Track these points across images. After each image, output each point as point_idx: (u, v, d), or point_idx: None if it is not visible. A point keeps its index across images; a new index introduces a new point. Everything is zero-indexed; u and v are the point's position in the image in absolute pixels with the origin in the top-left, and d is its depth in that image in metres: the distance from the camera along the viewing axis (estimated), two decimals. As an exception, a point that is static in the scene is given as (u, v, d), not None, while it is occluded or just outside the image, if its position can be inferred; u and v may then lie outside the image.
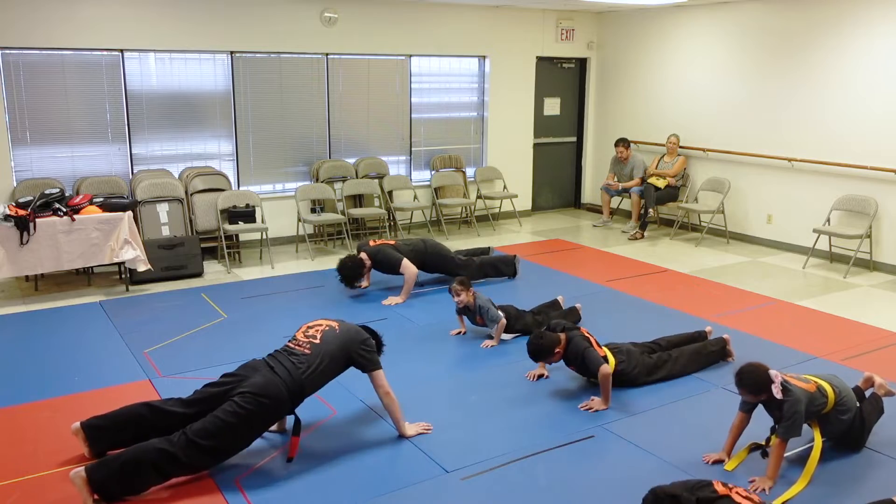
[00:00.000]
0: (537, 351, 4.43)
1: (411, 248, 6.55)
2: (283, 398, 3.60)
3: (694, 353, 4.89)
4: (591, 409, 4.33)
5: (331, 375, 3.84)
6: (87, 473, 3.30)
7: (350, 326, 3.99)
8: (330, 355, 3.78)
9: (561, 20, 9.96)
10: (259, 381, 3.57)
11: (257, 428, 3.61)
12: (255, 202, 7.74)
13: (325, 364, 3.75)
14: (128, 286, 6.66)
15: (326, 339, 3.83)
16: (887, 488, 3.54)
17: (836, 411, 3.69)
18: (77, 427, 3.66)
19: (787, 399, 3.51)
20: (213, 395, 3.62)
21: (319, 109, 8.57)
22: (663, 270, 7.44)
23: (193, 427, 3.48)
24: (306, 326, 3.97)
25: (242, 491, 3.49)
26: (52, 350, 5.21)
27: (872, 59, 7.31)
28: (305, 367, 3.69)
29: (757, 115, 8.41)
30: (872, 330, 5.75)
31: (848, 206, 7.57)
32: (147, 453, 3.38)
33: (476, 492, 3.52)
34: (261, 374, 3.61)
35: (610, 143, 9.77)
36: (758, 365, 3.60)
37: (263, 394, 3.54)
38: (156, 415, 3.64)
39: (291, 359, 3.71)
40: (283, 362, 3.68)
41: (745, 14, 8.45)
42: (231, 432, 3.50)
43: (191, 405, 3.64)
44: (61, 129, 7.26)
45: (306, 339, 3.84)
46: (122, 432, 3.63)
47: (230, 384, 3.62)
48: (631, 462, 3.81)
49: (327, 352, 3.78)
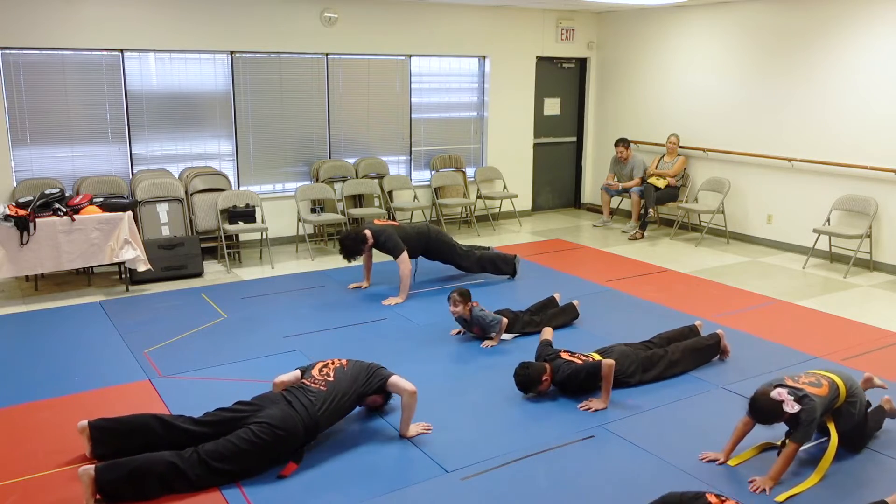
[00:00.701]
0: (525, 382, 4.44)
1: (416, 231, 6.56)
2: (298, 432, 3.67)
3: (689, 349, 4.89)
4: (591, 408, 4.33)
5: (344, 412, 3.94)
6: (97, 473, 3.32)
7: (357, 362, 4.10)
8: (343, 392, 3.88)
9: (561, 20, 9.96)
10: (277, 414, 3.63)
11: (268, 458, 3.64)
12: (255, 202, 7.74)
13: (337, 401, 3.85)
14: (128, 286, 6.66)
15: (339, 377, 3.94)
16: (887, 488, 3.54)
17: (848, 403, 3.70)
18: (84, 425, 3.68)
19: (805, 408, 3.48)
20: (227, 419, 3.68)
21: (319, 109, 8.57)
22: (663, 270, 7.44)
23: (206, 447, 3.53)
24: (322, 364, 4.06)
25: (242, 491, 3.49)
26: (52, 350, 5.21)
27: (872, 59, 7.31)
28: (321, 404, 3.77)
29: (757, 115, 8.42)
30: (872, 330, 5.75)
31: (848, 206, 7.57)
32: (157, 465, 3.42)
33: (476, 492, 3.52)
34: (279, 406, 3.68)
35: (610, 143, 9.77)
36: (761, 394, 3.57)
37: (281, 426, 3.60)
38: (166, 429, 3.67)
39: (309, 396, 3.78)
40: (300, 398, 3.75)
41: (745, 14, 8.45)
42: (243, 458, 3.55)
43: (202, 425, 3.68)
44: (61, 129, 7.26)
45: (321, 378, 3.92)
46: (129, 439, 3.64)
47: (246, 412, 3.67)
48: (631, 462, 3.81)
49: (340, 389, 3.88)
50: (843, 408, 3.70)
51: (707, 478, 3.62)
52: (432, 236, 6.65)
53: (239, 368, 4.88)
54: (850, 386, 3.73)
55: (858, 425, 3.79)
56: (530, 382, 4.42)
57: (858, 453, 3.86)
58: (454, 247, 6.74)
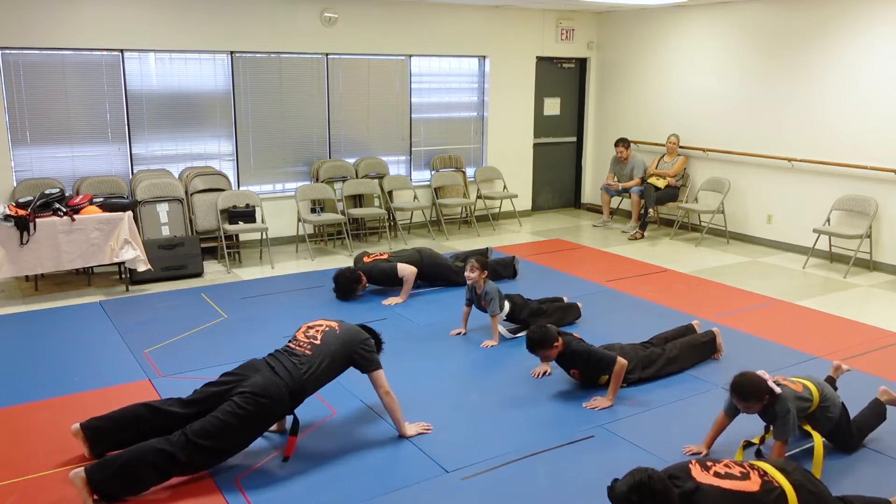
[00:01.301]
0: (538, 340, 4.41)
1: (407, 259, 6.55)
2: (283, 398, 3.60)
3: (686, 346, 4.91)
4: (597, 406, 4.33)
5: (331, 376, 3.84)
6: (87, 474, 3.30)
7: (350, 326, 4.00)
8: (331, 356, 3.78)
9: (561, 20, 9.96)
10: (259, 381, 3.57)
11: (257, 428, 3.61)
12: (255, 202, 7.74)
13: (325, 364, 3.75)
14: (128, 286, 6.66)
15: (327, 339, 3.83)
16: (887, 488, 3.54)
17: (822, 408, 3.71)
18: (77, 428, 3.66)
19: (776, 399, 3.52)
20: (212, 394, 3.62)
21: (319, 109, 8.57)
22: (663, 270, 7.44)
23: (193, 427, 3.47)
24: (306, 326, 3.97)
25: (242, 491, 3.49)
26: (52, 350, 5.21)
27: (872, 59, 7.31)
28: (306, 368, 3.69)
29: (757, 115, 8.41)
30: (872, 330, 5.75)
31: (848, 206, 7.57)
32: (146, 454, 3.38)
33: (476, 492, 3.52)
34: (261, 374, 3.61)
35: (610, 143, 9.77)
36: (747, 373, 3.60)
37: (263, 394, 3.54)
38: (155, 415, 3.64)
39: (292, 359, 3.71)
40: (284, 363, 3.68)
41: (745, 14, 8.45)
42: (230, 432, 3.50)
43: (190, 405, 3.64)
44: (61, 129, 7.26)
45: (307, 340, 3.83)
46: (123, 432, 3.63)
47: (230, 383, 3.61)
48: (631, 462, 3.78)
49: (328, 352, 3.78)
50: (818, 413, 3.70)
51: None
52: (424, 261, 6.63)
53: (239, 368, 4.88)
54: (822, 391, 3.73)
55: (839, 427, 3.79)
56: (542, 342, 4.40)
57: (854, 452, 3.85)
58: (448, 266, 6.74)
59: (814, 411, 3.70)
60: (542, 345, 4.42)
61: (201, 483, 3.54)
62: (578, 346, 4.45)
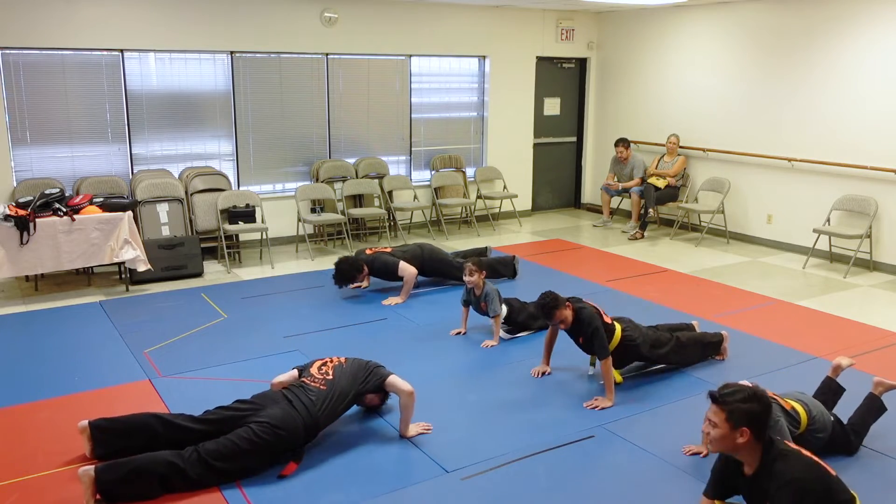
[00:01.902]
0: (550, 305, 4.42)
1: (409, 255, 6.55)
2: (298, 432, 3.67)
3: (694, 340, 4.92)
4: (597, 406, 4.33)
5: (342, 410, 3.94)
6: (96, 473, 3.32)
7: (355, 360, 4.09)
8: (342, 390, 3.88)
9: (561, 20, 9.96)
10: (278, 414, 3.64)
11: (268, 457, 3.65)
12: (255, 202, 7.74)
13: (337, 399, 3.85)
14: (128, 286, 6.66)
15: (337, 375, 3.94)
16: (888, 488, 3.54)
17: (810, 431, 3.65)
18: (84, 425, 3.68)
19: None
20: (227, 417, 3.68)
21: (319, 109, 8.57)
22: (663, 270, 7.44)
23: (206, 447, 3.52)
24: (320, 363, 4.05)
25: (242, 491, 3.49)
26: (52, 350, 5.21)
27: (872, 59, 7.31)
28: (321, 403, 3.77)
29: (757, 115, 8.42)
30: (872, 330, 5.75)
31: (848, 206, 7.57)
32: (157, 464, 3.42)
33: (476, 492, 3.52)
34: (280, 406, 3.68)
35: (610, 143, 9.77)
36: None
37: (281, 426, 3.61)
38: (166, 427, 3.67)
39: (309, 395, 3.78)
40: (301, 398, 3.75)
41: (745, 14, 8.45)
42: (243, 457, 3.55)
43: (202, 423, 3.69)
44: (61, 129, 7.26)
45: (321, 376, 3.92)
46: (129, 439, 3.65)
47: (246, 411, 3.68)
48: (631, 462, 3.81)
49: (339, 387, 3.88)
50: (805, 435, 3.64)
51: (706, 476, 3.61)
52: (426, 256, 6.64)
53: (239, 368, 4.88)
54: (811, 416, 3.66)
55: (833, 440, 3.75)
56: (554, 307, 4.41)
57: (854, 454, 3.84)
58: (449, 262, 6.74)
59: (802, 433, 3.66)
60: (553, 310, 4.42)
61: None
62: (588, 321, 4.42)
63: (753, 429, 2.79)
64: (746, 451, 2.83)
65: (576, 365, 4.90)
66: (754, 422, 2.79)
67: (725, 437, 2.81)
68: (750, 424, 2.78)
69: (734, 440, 2.80)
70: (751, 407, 2.79)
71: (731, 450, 2.85)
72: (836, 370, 4.13)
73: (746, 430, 2.78)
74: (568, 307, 4.46)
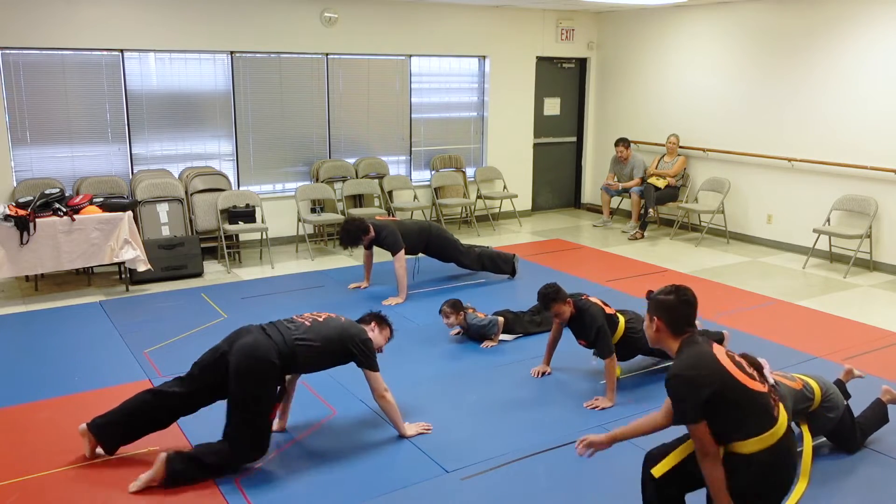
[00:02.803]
0: (550, 295, 4.44)
1: (418, 228, 6.59)
2: (272, 360, 3.58)
3: None
4: (597, 406, 4.33)
5: (325, 361, 3.81)
6: (167, 460, 3.48)
7: (355, 323, 3.99)
8: (327, 339, 3.75)
9: (561, 20, 9.96)
10: (249, 341, 3.62)
11: (262, 387, 3.60)
12: (255, 202, 7.74)
13: (320, 345, 3.72)
14: (128, 286, 6.66)
15: (328, 322, 3.84)
16: (888, 488, 3.55)
17: (823, 408, 3.67)
18: (84, 428, 3.70)
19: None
20: (207, 363, 3.69)
21: (319, 109, 8.57)
22: (663, 270, 7.44)
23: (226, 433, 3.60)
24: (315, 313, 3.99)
25: (242, 491, 3.49)
26: (52, 350, 5.21)
27: (872, 59, 7.31)
28: (300, 334, 3.69)
29: (757, 115, 8.42)
30: (872, 330, 5.75)
31: (848, 206, 7.57)
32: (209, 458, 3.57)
33: (476, 492, 3.52)
34: (252, 335, 3.66)
35: (610, 143, 9.77)
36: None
37: (253, 353, 3.57)
38: (159, 398, 3.71)
39: (288, 325, 3.75)
40: (279, 327, 3.73)
41: (745, 14, 8.45)
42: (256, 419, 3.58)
43: (189, 381, 3.72)
44: (61, 129, 7.26)
45: (310, 315, 3.89)
46: (132, 419, 3.69)
47: (221, 347, 3.69)
48: (631, 462, 3.80)
49: (325, 333, 3.76)
50: (818, 412, 3.66)
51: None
52: (433, 233, 6.67)
53: (239, 368, 4.87)
54: (826, 391, 3.69)
55: (841, 427, 3.77)
56: (553, 299, 4.42)
57: (855, 452, 3.84)
58: (455, 244, 6.75)
59: (814, 409, 3.68)
60: (553, 301, 4.43)
61: (201, 483, 3.54)
62: (591, 319, 4.42)
63: (664, 319, 2.81)
64: (664, 342, 2.85)
65: (576, 365, 4.90)
66: (665, 312, 2.81)
67: (647, 328, 2.88)
68: (660, 314, 2.81)
69: (651, 330, 2.86)
70: (665, 299, 2.82)
71: (653, 341, 2.89)
72: (847, 374, 4.12)
73: (657, 318, 2.82)
74: (568, 303, 4.46)
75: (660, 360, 4.94)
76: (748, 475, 2.66)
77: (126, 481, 3.53)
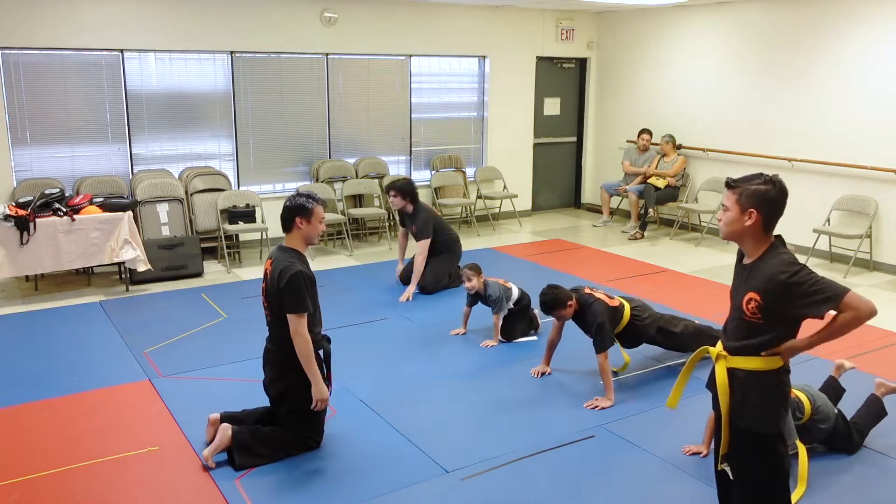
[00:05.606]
0: (551, 301, 4.46)
1: (447, 233, 6.67)
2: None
3: (702, 331, 4.91)
4: (597, 406, 4.33)
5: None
6: (233, 433, 3.67)
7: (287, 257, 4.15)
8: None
9: (561, 20, 9.96)
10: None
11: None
12: (255, 202, 7.74)
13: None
14: (128, 286, 6.66)
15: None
16: (888, 488, 3.54)
17: (814, 421, 3.67)
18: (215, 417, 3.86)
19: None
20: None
21: (319, 109, 8.57)
22: (663, 270, 7.44)
23: (280, 420, 3.82)
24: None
25: (242, 491, 3.49)
26: (52, 350, 5.21)
27: (873, 59, 7.31)
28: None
29: (757, 115, 8.41)
30: (872, 330, 5.74)
31: (848, 206, 7.57)
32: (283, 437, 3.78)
33: (476, 492, 3.52)
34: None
35: (610, 142, 9.79)
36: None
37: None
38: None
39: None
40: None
41: (745, 14, 8.45)
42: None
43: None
44: (61, 129, 7.26)
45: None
46: None
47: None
48: (631, 462, 3.81)
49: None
50: (810, 425, 3.67)
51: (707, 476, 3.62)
52: (453, 249, 6.73)
53: (239, 368, 4.88)
54: (815, 404, 3.68)
55: (836, 434, 3.76)
56: (556, 303, 4.45)
57: (854, 453, 3.84)
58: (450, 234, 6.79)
59: (805, 423, 3.67)
60: (555, 306, 4.46)
61: (201, 483, 3.54)
62: (593, 315, 4.43)
63: (762, 212, 2.60)
64: (752, 237, 2.63)
65: (576, 365, 4.90)
66: (764, 204, 2.60)
67: (735, 220, 2.62)
68: (758, 206, 2.59)
69: (742, 223, 2.61)
70: (763, 189, 2.59)
71: (738, 235, 2.65)
72: (838, 370, 4.15)
73: (754, 211, 2.59)
74: (570, 306, 4.48)
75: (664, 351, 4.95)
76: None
77: (126, 481, 3.53)
